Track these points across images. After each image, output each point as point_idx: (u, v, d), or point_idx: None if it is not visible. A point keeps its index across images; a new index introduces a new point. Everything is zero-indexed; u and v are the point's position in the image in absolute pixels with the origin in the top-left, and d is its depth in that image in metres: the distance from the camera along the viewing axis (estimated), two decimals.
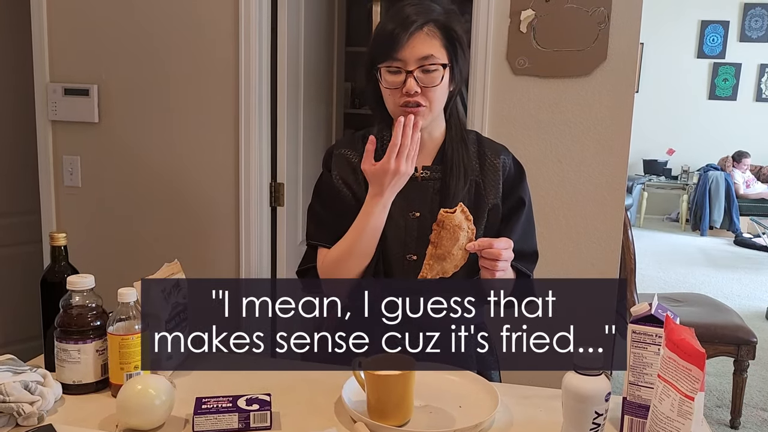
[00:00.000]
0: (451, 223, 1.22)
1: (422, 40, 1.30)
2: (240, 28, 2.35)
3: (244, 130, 2.40)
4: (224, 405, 1.12)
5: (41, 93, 2.56)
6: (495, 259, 1.23)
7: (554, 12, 2.15)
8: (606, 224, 2.24)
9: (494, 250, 1.22)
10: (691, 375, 0.93)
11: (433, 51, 1.30)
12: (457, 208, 1.23)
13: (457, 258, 1.25)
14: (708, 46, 8.13)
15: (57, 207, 2.62)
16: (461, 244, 1.24)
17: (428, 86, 1.30)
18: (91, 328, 1.22)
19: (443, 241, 1.23)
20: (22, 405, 1.09)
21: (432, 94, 1.31)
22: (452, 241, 1.22)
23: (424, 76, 1.30)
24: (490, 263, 1.23)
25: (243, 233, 2.45)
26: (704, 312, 3.10)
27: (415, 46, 1.29)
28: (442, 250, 1.23)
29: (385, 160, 1.28)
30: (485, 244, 1.24)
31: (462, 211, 1.24)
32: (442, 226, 1.22)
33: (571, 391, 1.04)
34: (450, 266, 1.25)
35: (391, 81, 1.32)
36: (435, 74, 1.30)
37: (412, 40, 1.29)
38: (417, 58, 1.29)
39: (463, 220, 1.23)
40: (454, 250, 1.23)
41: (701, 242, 7.39)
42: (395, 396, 1.10)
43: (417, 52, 1.29)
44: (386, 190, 1.30)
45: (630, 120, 2.19)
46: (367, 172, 1.30)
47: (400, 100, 1.31)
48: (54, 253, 1.32)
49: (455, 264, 1.26)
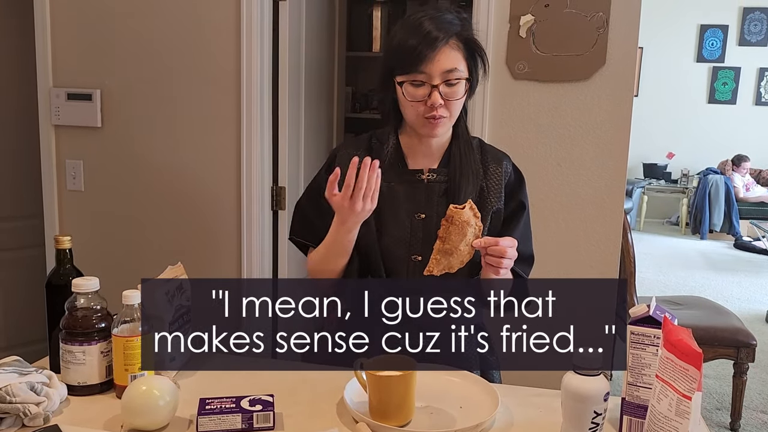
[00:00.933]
0: (460, 218, 1.24)
1: (447, 54, 1.32)
2: (242, 32, 2.37)
3: (245, 133, 2.41)
4: (228, 406, 1.13)
5: (44, 97, 2.58)
6: (500, 257, 1.25)
7: (553, 17, 2.17)
8: (605, 227, 2.26)
9: (500, 247, 1.25)
10: (688, 375, 0.94)
11: (457, 65, 1.32)
12: (466, 204, 1.26)
13: (463, 254, 1.27)
14: (707, 50, 8.15)
15: (60, 211, 2.64)
16: (468, 240, 1.26)
17: (451, 99, 1.33)
18: (96, 329, 1.24)
19: (451, 236, 1.25)
20: (28, 406, 1.11)
21: (453, 106, 1.35)
22: (460, 236, 1.25)
23: (449, 89, 1.32)
24: (496, 260, 1.25)
25: (245, 236, 2.46)
26: (704, 315, 3.10)
27: (440, 60, 1.31)
28: (449, 245, 1.25)
29: (341, 197, 1.26)
30: (491, 242, 1.26)
31: (471, 208, 1.26)
32: (450, 222, 1.25)
33: (570, 391, 1.06)
34: (456, 262, 1.27)
35: (415, 94, 1.33)
36: (458, 87, 1.33)
37: (438, 55, 1.31)
38: (441, 72, 1.31)
39: (471, 216, 1.26)
40: (461, 245, 1.25)
41: (701, 246, 7.40)
42: (397, 397, 1.12)
43: (442, 66, 1.31)
44: (347, 221, 1.30)
45: (629, 124, 2.21)
46: (329, 201, 1.31)
47: (424, 111, 1.33)
48: (59, 256, 1.33)
49: (461, 260, 1.28)
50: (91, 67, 2.54)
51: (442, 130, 1.37)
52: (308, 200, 1.48)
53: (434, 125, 1.35)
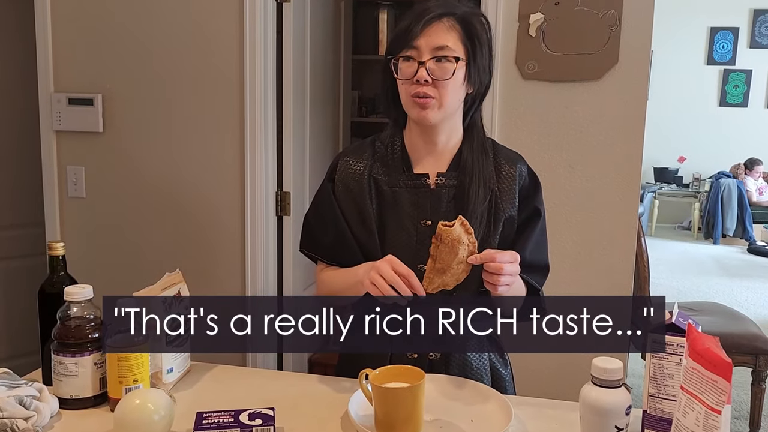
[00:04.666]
0: (450, 237, 1.17)
1: (437, 30, 1.27)
2: (245, 36, 2.33)
3: (249, 138, 2.37)
4: (226, 420, 1.08)
5: (45, 103, 2.55)
6: (497, 273, 1.18)
7: (564, 15, 2.11)
8: (620, 232, 2.19)
9: (496, 264, 1.17)
10: (717, 387, 0.88)
11: (448, 43, 1.26)
12: (456, 221, 1.18)
13: (458, 272, 1.20)
14: (718, 52, 8.07)
15: (61, 218, 2.60)
16: (461, 257, 1.19)
17: (439, 78, 1.26)
18: (89, 340, 1.19)
19: (442, 255, 1.18)
20: (17, 421, 1.06)
21: (443, 88, 1.27)
22: (451, 255, 1.18)
23: (437, 66, 1.26)
24: (492, 277, 1.18)
25: (249, 242, 2.41)
26: (721, 321, 3.03)
27: (430, 36, 1.26)
28: (441, 264, 1.19)
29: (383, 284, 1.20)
30: (488, 257, 1.18)
31: (462, 224, 1.19)
32: (440, 240, 1.18)
33: (589, 404, 0.99)
34: (451, 280, 1.21)
35: (405, 71, 1.28)
36: (447, 66, 1.26)
37: (428, 29, 1.26)
38: (431, 48, 1.26)
39: (462, 233, 1.18)
40: (453, 264, 1.18)
41: (714, 251, 7.31)
42: (404, 410, 1.06)
43: (432, 42, 1.26)
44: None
45: (643, 124, 2.15)
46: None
47: (411, 89, 1.27)
48: (52, 263, 1.28)
49: (456, 278, 1.21)
50: (93, 72, 2.50)
51: (432, 114, 1.28)
52: (314, 216, 1.43)
53: (422, 106, 1.27)
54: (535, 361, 2.18)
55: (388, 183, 1.34)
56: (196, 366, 1.40)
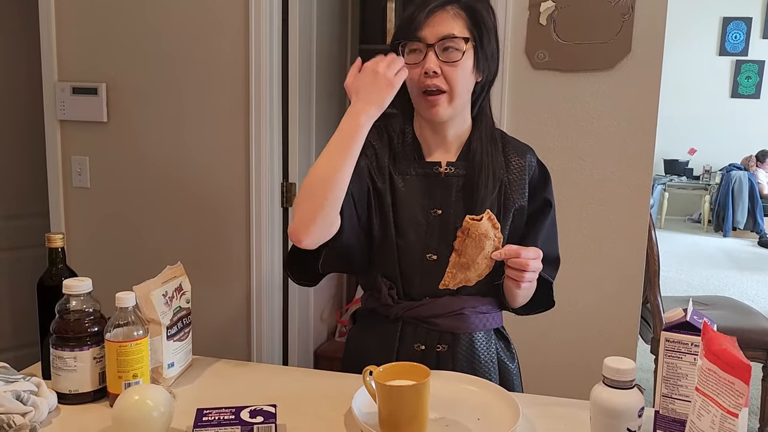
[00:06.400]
0: (477, 231, 1.14)
1: (443, 18, 1.23)
2: (251, 25, 2.29)
3: (254, 129, 2.34)
4: (226, 417, 1.05)
5: (49, 92, 2.52)
6: (522, 270, 1.15)
7: (575, 3, 2.06)
8: (630, 225, 2.15)
9: (521, 260, 1.15)
10: (734, 389, 0.84)
11: (455, 31, 1.23)
12: (484, 215, 1.16)
13: (481, 267, 1.18)
14: (730, 43, 7.97)
15: (66, 208, 2.58)
16: (486, 252, 1.17)
17: (448, 62, 1.23)
18: (89, 334, 1.16)
19: (468, 250, 1.16)
20: (13, 416, 1.03)
21: (453, 75, 1.23)
22: (477, 249, 1.15)
23: (444, 53, 1.23)
24: (517, 274, 1.16)
25: (254, 233, 2.39)
26: (731, 316, 2.99)
27: (435, 25, 1.23)
28: (466, 259, 1.16)
29: (373, 62, 1.18)
30: (512, 253, 1.16)
31: (489, 219, 1.16)
32: (467, 234, 1.15)
33: (600, 405, 0.96)
34: (473, 275, 1.18)
35: (412, 62, 1.24)
36: (454, 54, 1.23)
37: (433, 19, 1.23)
38: (438, 37, 1.22)
39: (489, 228, 1.16)
40: (478, 258, 1.16)
41: (724, 243, 7.24)
42: (409, 408, 1.03)
43: (438, 31, 1.22)
44: (370, 98, 1.16)
45: (656, 115, 2.10)
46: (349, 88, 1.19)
47: (420, 82, 1.24)
48: (51, 255, 1.26)
49: (479, 273, 1.19)
50: (97, 61, 2.47)
51: (443, 110, 1.25)
52: None
53: (432, 102, 1.24)
54: (542, 357, 2.15)
55: (399, 170, 1.31)
56: (198, 360, 1.38)
